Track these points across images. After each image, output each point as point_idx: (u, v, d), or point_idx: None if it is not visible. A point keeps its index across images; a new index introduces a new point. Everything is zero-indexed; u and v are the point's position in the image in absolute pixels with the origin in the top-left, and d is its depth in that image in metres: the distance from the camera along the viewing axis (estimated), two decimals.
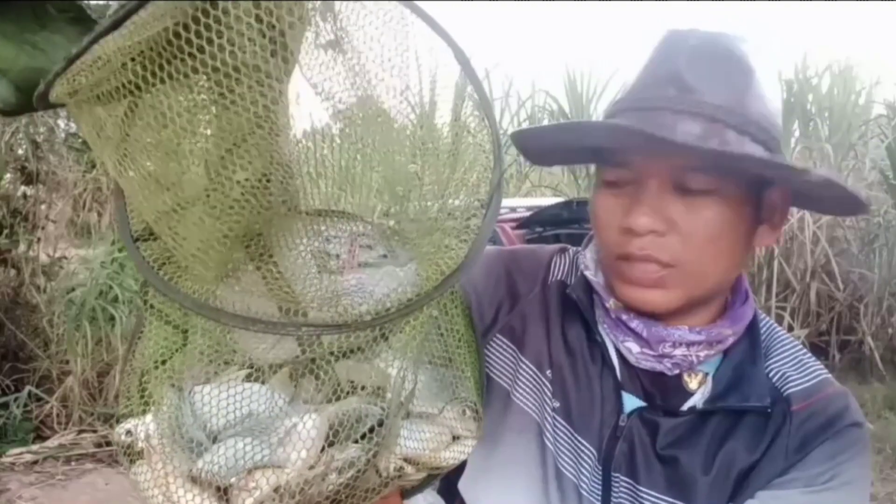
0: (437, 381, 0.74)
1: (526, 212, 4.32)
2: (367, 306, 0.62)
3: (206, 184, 0.57)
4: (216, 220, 0.57)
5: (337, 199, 0.70)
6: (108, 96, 0.55)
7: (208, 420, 0.64)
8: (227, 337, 0.63)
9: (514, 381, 0.94)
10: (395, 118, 0.61)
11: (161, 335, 0.67)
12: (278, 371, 0.67)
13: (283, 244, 0.64)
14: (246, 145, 0.55)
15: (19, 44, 0.60)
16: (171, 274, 0.62)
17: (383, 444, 0.63)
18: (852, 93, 6.91)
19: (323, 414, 0.63)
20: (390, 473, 0.66)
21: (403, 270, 0.69)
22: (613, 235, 0.85)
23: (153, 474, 0.62)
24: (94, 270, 4.75)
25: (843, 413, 0.86)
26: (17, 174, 4.97)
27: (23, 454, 4.08)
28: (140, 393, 0.67)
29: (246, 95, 0.53)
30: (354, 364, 0.67)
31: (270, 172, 0.58)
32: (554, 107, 8.13)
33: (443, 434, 0.72)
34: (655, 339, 0.86)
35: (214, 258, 0.59)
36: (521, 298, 0.97)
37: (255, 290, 0.63)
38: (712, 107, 0.80)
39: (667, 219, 0.81)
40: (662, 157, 0.81)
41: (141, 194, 0.59)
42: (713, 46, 0.84)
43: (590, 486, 0.88)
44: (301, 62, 0.58)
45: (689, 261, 0.82)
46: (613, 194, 0.85)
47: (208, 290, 0.61)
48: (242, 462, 0.60)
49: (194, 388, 0.65)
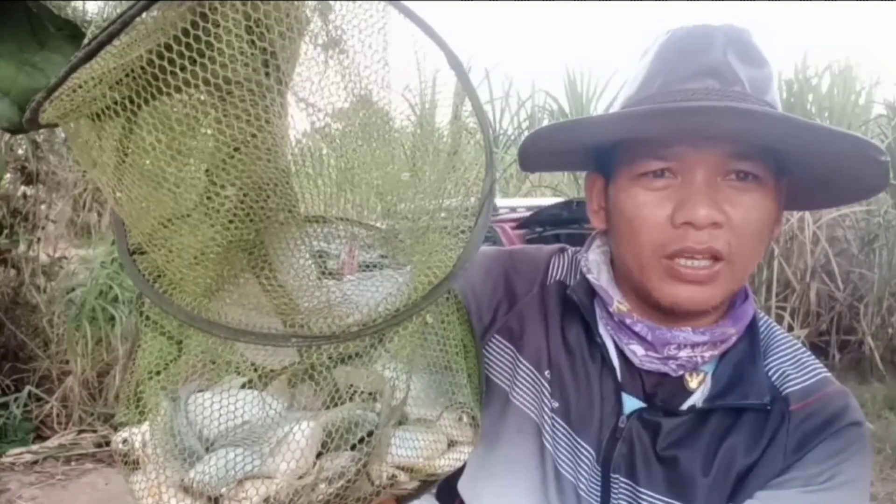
0: (434, 387, 0.74)
1: (526, 212, 4.32)
2: (356, 317, 0.62)
3: (202, 191, 0.57)
4: (212, 229, 0.57)
5: (336, 199, 0.69)
6: (103, 113, 0.55)
7: (203, 428, 0.64)
8: (226, 345, 0.63)
9: (513, 382, 0.94)
10: (393, 119, 0.61)
11: (156, 346, 0.68)
12: (276, 378, 0.67)
13: (279, 253, 0.64)
14: (239, 155, 0.55)
15: (19, 64, 0.60)
16: (165, 286, 0.62)
17: (374, 452, 0.63)
18: (852, 93, 6.90)
19: (318, 421, 0.64)
20: (383, 482, 0.66)
21: (399, 275, 0.69)
22: (660, 232, 0.82)
23: (147, 483, 0.62)
24: (94, 270, 4.75)
25: (842, 412, 0.86)
26: (17, 174, 4.97)
27: (23, 454, 4.09)
28: (136, 402, 0.67)
29: (238, 106, 0.53)
30: (353, 370, 0.67)
31: (266, 181, 0.58)
32: (554, 107, 8.13)
33: (438, 441, 0.72)
34: (660, 342, 0.86)
35: (209, 268, 0.59)
36: (519, 299, 0.96)
37: (247, 302, 0.63)
38: (755, 99, 0.80)
39: (722, 209, 0.80)
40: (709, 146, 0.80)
41: (136, 207, 0.59)
42: (743, 41, 0.84)
43: (588, 487, 0.88)
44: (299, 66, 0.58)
45: (738, 252, 0.81)
46: (652, 189, 0.83)
47: (201, 303, 0.61)
48: (233, 472, 0.60)
49: (190, 396, 0.66)
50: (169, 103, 0.52)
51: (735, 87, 0.80)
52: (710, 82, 0.80)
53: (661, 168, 0.82)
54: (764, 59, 0.84)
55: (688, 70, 0.82)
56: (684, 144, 0.80)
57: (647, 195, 0.83)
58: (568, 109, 7.93)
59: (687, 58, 0.83)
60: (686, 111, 0.79)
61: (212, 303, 0.61)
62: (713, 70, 0.81)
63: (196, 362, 0.64)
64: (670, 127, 0.81)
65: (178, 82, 0.50)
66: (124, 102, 0.53)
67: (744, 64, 0.81)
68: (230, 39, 0.51)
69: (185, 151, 0.54)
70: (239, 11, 0.51)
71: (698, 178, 0.80)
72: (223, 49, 0.51)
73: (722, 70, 0.81)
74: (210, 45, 0.51)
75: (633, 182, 0.84)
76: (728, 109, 0.77)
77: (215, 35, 0.50)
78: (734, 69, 0.81)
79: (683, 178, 0.81)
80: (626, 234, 0.85)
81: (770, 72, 0.84)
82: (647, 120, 0.82)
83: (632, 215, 0.84)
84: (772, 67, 0.84)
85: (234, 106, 0.54)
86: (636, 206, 0.83)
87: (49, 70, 0.60)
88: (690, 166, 0.81)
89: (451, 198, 0.64)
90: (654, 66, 0.85)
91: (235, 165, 0.54)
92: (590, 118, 0.91)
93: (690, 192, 0.80)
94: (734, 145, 0.79)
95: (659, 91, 0.83)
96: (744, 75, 0.81)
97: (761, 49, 0.84)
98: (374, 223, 0.71)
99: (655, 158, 0.82)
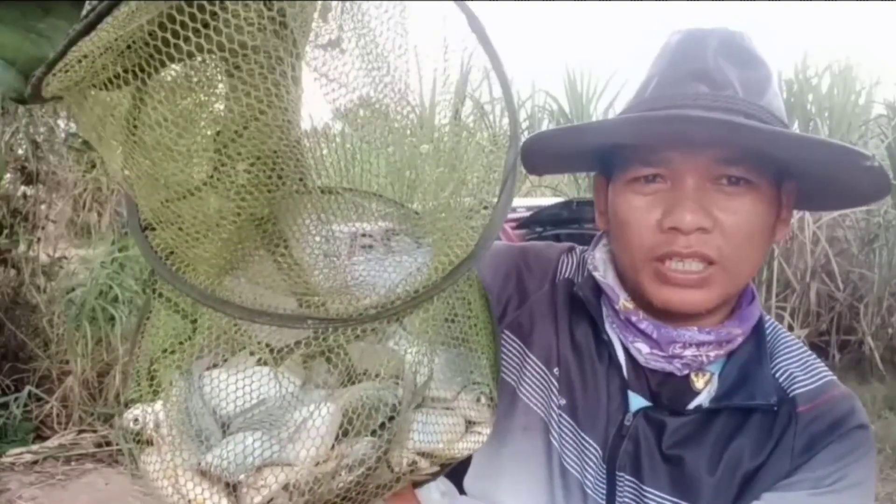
0: (451, 366, 0.73)
1: (526, 212, 4.32)
2: (373, 298, 0.61)
3: (215, 164, 0.56)
4: (224, 202, 0.56)
5: (350, 174, 0.68)
6: (110, 82, 0.54)
7: (218, 406, 0.63)
8: (240, 325, 0.62)
9: (520, 378, 0.93)
10: (408, 105, 0.59)
11: (170, 324, 0.66)
12: (291, 355, 0.66)
13: (295, 228, 0.62)
14: (252, 128, 0.54)
15: (24, 32, 0.59)
16: (178, 264, 0.61)
17: (395, 440, 0.63)
18: (852, 93, 6.90)
19: (337, 403, 0.63)
20: (403, 468, 0.65)
21: (419, 254, 0.68)
22: (651, 236, 0.83)
23: (162, 465, 0.61)
24: (94, 270, 4.73)
25: (849, 415, 0.86)
26: (17, 174, 4.96)
27: (23, 454, 4.07)
28: (149, 380, 0.66)
29: (248, 79, 0.52)
30: (368, 346, 0.66)
31: (278, 154, 0.56)
32: (554, 107, 8.12)
33: (457, 425, 0.71)
34: (665, 341, 0.85)
35: (222, 246, 0.58)
36: (529, 295, 0.97)
37: (262, 280, 0.62)
38: (745, 103, 0.80)
39: (710, 215, 0.80)
40: (699, 152, 0.80)
41: (146, 183, 0.58)
42: (736, 44, 0.83)
43: (595, 484, 0.88)
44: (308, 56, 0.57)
45: (730, 257, 0.81)
46: (645, 194, 0.84)
47: (215, 281, 0.60)
48: (251, 459, 0.59)
49: (204, 373, 0.65)
50: (178, 73, 0.51)
51: (726, 90, 0.80)
52: (701, 87, 0.81)
53: (652, 174, 0.83)
54: (760, 61, 0.84)
55: (678, 74, 0.83)
56: (674, 150, 0.81)
57: (638, 199, 0.84)
58: (568, 109, 7.92)
59: (678, 62, 0.84)
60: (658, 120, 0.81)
61: (225, 281, 0.60)
62: (703, 74, 0.81)
63: (211, 340, 0.63)
64: (644, 136, 0.82)
65: (188, 49, 0.49)
66: (134, 71, 0.51)
67: (736, 67, 0.81)
68: (237, 9, 0.50)
69: (196, 124, 0.53)
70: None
71: (687, 184, 0.81)
72: (231, 17, 0.50)
73: (712, 74, 0.81)
74: (217, 14, 0.49)
75: (626, 186, 0.85)
76: (700, 119, 0.78)
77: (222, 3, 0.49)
78: (725, 73, 0.81)
79: (673, 184, 0.82)
80: (620, 237, 0.87)
81: (767, 73, 0.84)
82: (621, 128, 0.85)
83: (624, 219, 0.85)
84: (770, 68, 0.84)
85: (244, 79, 0.53)
86: (628, 210, 0.85)
87: (55, 37, 0.59)
88: (679, 172, 0.81)
89: (472, 172, 0.62)
90: (651, 70, 0.86)
91: (249, 138, 0.53)
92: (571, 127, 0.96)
93: (678, 198, 0.81)
94: (723, 151, 0.79)
95: (651, 96, 0.84)
96: (736, 78, 0.81)
97: (757, 51, 0.84)
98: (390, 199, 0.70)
99: (646, 164, 0.83)
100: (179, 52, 0.49)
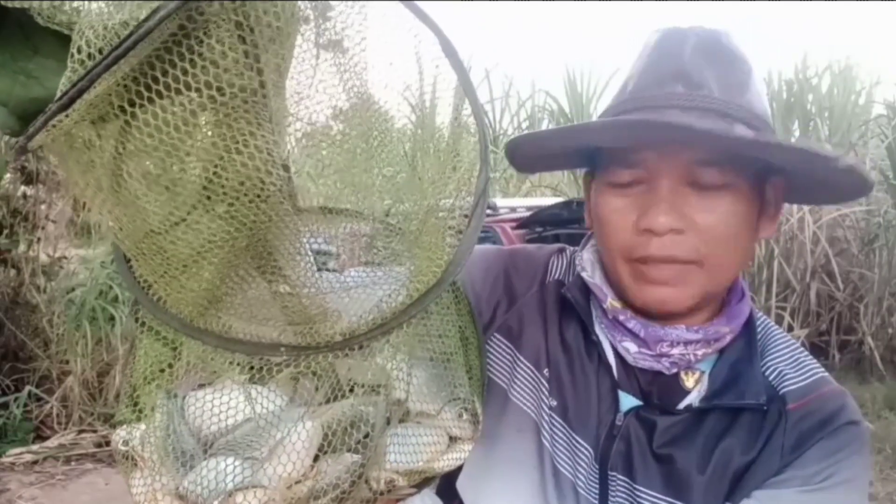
0: (435, 381, 0.73)
1: (526, 212, 4.32)
2: (344, 325, 0.61)
3: (199, 195, 0.56)
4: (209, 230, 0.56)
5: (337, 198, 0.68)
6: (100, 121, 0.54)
7: (201, 427, 0.63)
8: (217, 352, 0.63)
9: (512, 380, 0.94)
10: (394, 118, 0.60)
11: (153, 351, 0.67)
12: (278, 373, 0.66)
13: (284, 253, 0.63)
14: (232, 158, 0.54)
15: (13, 75, 0.59)
16: (160, 293, 0.61)
17: (371, 458, 0.63)
18: (852, 93, 6.90)
19: (317, 421, 0.63)
20: (381, 487, 0.66)
21: (394, 279, 0.68)
22: (628, 237, 0.83)
23: (144, 487, 0.62)
24: (94, 270, 4.75)
25: (839, 411, 0.85)
26: (17, 174, 4.97)
27: (23, 454, 4.09)
28: (132, 407, 0.67)
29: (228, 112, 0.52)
30: (355, 363, 0.67)
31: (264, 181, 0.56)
32: (554, 107, 8.13)
33: (438, 443, 0.72)
34: (653, 339, 0.86)
35: (206, 275, 0.58)
36: (518, 298, 0.97)
37: (252, 307, 0.63)
38: (722, 102, 0.80)
39: (684, 216, 0.80)
40: (674, 154, 0.80)
41: (130, 221, 0.58)
42: (714, 43, 0.83)
43: (587, 484, 0.88)
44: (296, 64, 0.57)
45: (708, 256, 0.82)
46: (623, 195, 0.84)
47: (197, 310, 0.60)
48: (223, 484, 0.59)
49: (189, 394, 0.65)
50: (160, 108, 0.52)
51: (701, 90, 0.80)
52: (677, 87, 0.81)
53: (631, 176, 0.83)
54: (740, 60, 0.83)
55: (655, 74, 0.83)
56: (650, 152, 0.81)
57: (616, 201, 0.84)
58: (568, 109, 7.92)
59: (656, 62, 0.84)
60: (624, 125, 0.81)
61: (209, 310, 0.61)
62: (680, 74, 0.81)
63: (193, 365, 0.63)
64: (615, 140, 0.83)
65: (174, 86, 0.49)
66: (120, 108, 0.52)
67: (714, 66, 0.81)
68: (212, 43, 0.50)
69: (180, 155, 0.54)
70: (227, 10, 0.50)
71: (662, 186, 0.81)
72: (207, 53, 0.50)
73: (688, 74, 0.80)
74: (193, 49, 0.50)
75: (606, 187, 0.86)
76: (662, 124, 0.78)
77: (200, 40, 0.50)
78: (702, 72, 0.80)
79: (649, 185, 0.82)
80: (601, 237, 0.88)
81: (747, 71, 0.83)
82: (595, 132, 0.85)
83: (604, 219, 0.86)
84: (751, 67, 0.83)
85: (225, 111, 0.53)
86: (608, 211, 0.85)
87: (44, 77, 0.59)
88: (655, 174, 0.81)
89: (447, 198, 0.62)
90: (630, 69, 0.86)
91: (228, 170, 0.53)
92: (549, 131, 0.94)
93: (653, 200, 0.81)
94: (699, 152, 0.79)
95: (630, 96, 0.84)
96: (712, 78, 0.80)
97: (738, 50, 0.84)
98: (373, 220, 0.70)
99: (625, 165, 0.83)
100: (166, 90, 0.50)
